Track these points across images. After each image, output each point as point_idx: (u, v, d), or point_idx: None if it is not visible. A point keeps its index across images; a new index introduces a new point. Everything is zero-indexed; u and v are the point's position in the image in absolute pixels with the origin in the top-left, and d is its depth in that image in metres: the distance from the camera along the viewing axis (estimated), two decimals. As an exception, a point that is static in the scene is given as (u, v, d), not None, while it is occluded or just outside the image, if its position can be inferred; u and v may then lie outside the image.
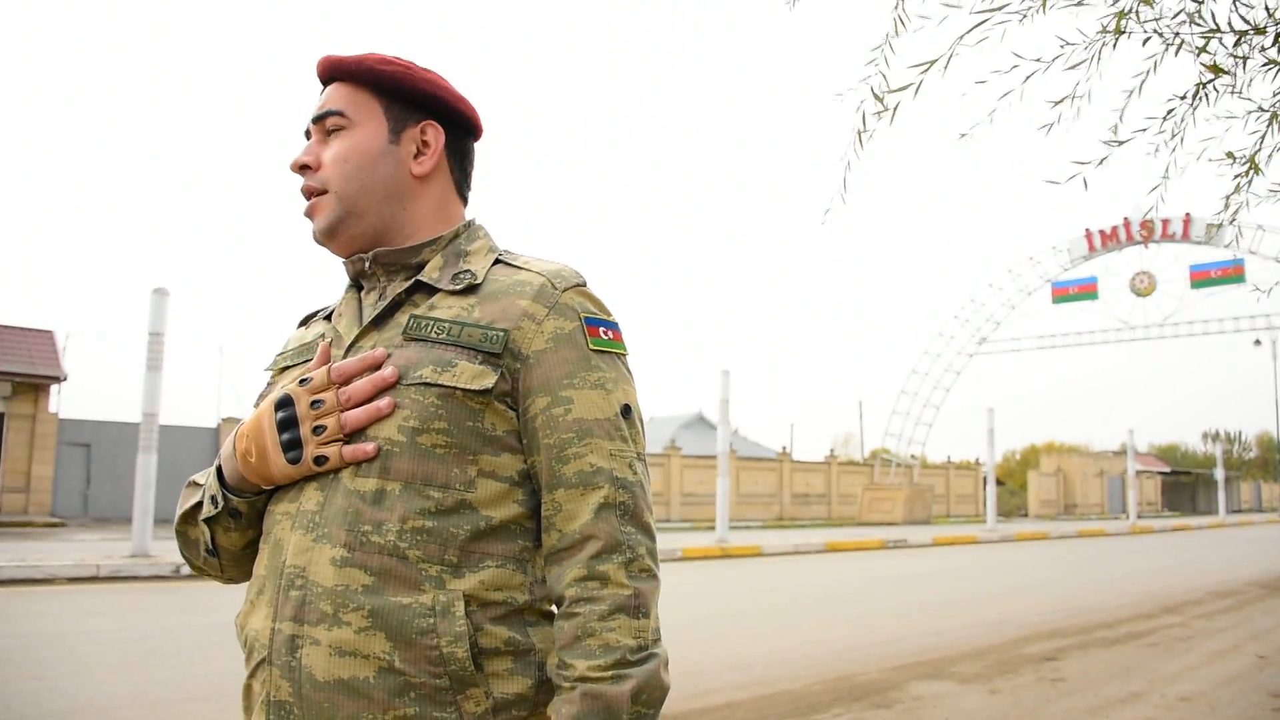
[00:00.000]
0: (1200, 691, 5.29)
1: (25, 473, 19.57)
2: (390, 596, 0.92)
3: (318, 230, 1.07)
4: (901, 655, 6.20)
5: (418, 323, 0.99)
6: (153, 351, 10.31)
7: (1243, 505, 56.32)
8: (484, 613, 0.93)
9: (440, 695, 0.91)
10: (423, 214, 1.08)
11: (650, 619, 0.93)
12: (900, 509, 30.19)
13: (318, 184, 1.06)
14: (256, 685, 0.97)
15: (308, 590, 0.93)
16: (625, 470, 0.97)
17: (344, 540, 0.94)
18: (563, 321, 0.99)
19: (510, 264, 1.05)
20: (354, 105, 1.06)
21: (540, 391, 0.97)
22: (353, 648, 0.90)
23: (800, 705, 4.77)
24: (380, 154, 1.05)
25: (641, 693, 0.89)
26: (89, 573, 9.24)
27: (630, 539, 0.94)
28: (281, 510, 1.00)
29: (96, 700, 4.42)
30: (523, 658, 0.95)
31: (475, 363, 0.96)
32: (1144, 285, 31.01)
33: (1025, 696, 5.10)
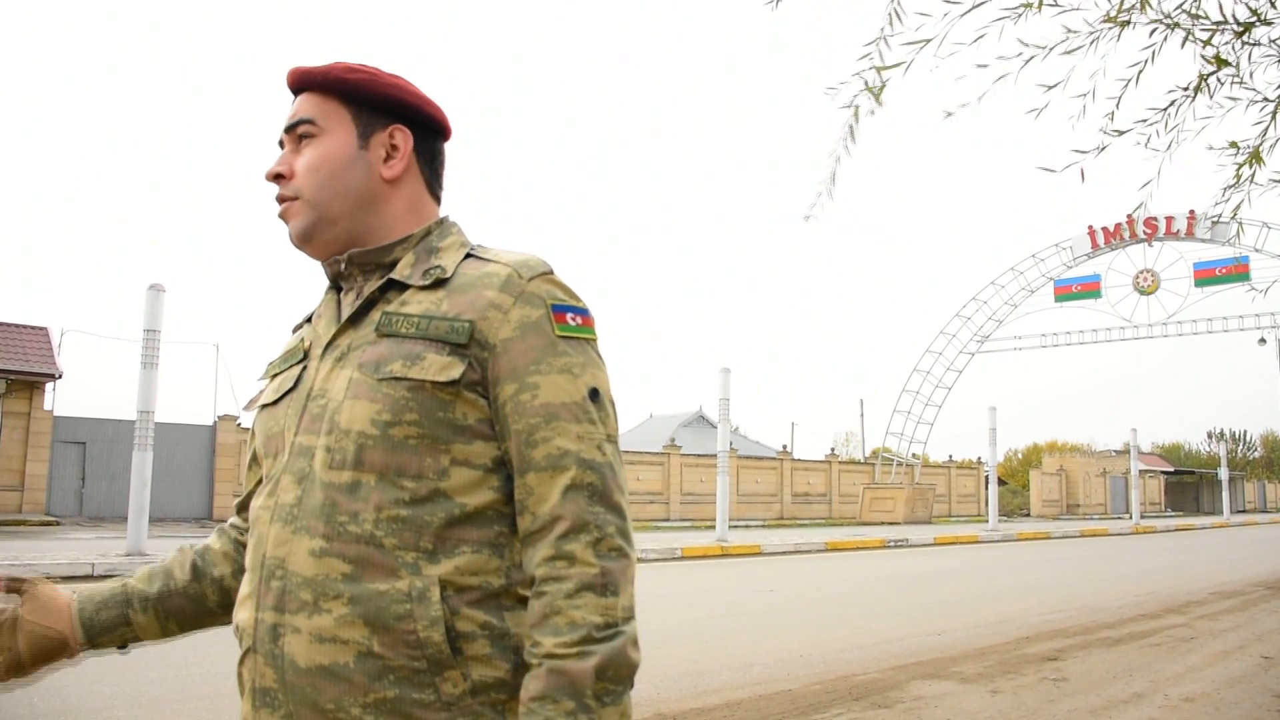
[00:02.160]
0: (1204, 692, 5.24)
1: (20, 471, 19.54)
2: (368, 584, 0.94)
3: (293, 234, 1.10)
4: (902, 655, 6.16)
5: (389, 319, 1.03)
6: (148, 348, 10.26)
7: (1247, 505, 56.23)
8: (460, 597, 0.96)
9: (418, 678, 0.93)
10: (395, 216, 1.11)
11: (620, 596, 0.94)
12: (901, 508, 30.15)
13: (290, 193, 1.09)
14: (245, 673, 1.01)
15: (287, 580, 0.97)
16: (593, 452, 0.99)
17: (322, 531, 0.97)
18: (529, 309, 1.01)
19: (480, 257, 1.07)
20: (323, 114, 1.10)
21: (508, 379, 0.99)
22: (332, 634, 0.94)
23: (800, 705, 4.72)
24: (350, 160, 1.09)
25: (607, 669, 0.91)
26: (84, 571, 9.20)
27: (598, 518, 0.96)
28: (261, 505, 1.04)
29: (91, 700, 4.38)
30: (499, 641, 0.97)
31: (443, 355, 0.99)
32: (1148, 283, 30.96)
33: (1027, 697, 5.05)
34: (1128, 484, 44.45)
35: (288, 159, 1.11)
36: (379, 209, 1.10)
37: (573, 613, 0.92)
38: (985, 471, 34.09)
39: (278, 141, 1.14)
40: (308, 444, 1.02)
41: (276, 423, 1.08)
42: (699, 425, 40.84)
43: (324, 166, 1.08)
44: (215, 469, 22.18)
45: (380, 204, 1.10)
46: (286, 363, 1.14)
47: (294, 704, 0.95)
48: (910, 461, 34.79)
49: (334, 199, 1.08)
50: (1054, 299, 32.89)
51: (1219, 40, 2.61)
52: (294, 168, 1.10)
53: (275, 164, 1.11)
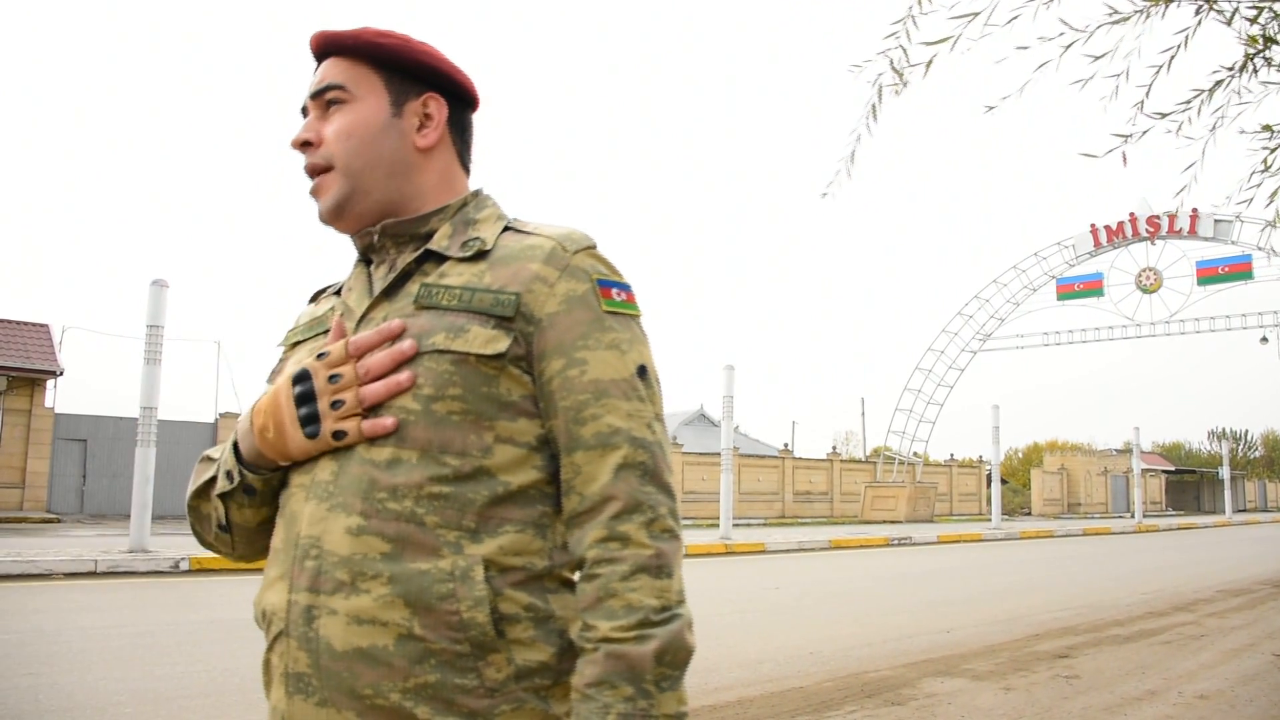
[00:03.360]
0: (1218, 690, 5.20)
1: (21, 468, 19.50)
2: (409, 563, 0.91)
3: (324, 210, 1.05)
4: (912, 652, 6.11)
5: (428, 291, 0.99)
6: (151, 344, 10.21)
7: (1248, 504, 56.20)
8: (503, 578, 0.92)
9: (461, 661, 0.90)
10: (428, 186, 1.07)
11: (673, 579, 0.92)
12: (903, 507, 30.11)
13: (321, 160, 1.04)
14: (275, 658, 0.97)
15: (323, 560, 0.93)
16: (644, 430, 0.96)
17: (360, 509, 0.93)
18: (575, 284, 0.98)
19: (520, 230, 1.04)
20: (353, 79, 1.05)
21: (555, 354, 0.96)
22: (371, 616, 0.90)
23: (813, 702, 4.68)
24: (384, 127, 1.04)
25: (665, 653, 0.88)
26: (86, 568, 9.15)
27: (650, 498, 0.93)
28: (296, 482, 1.00)
29: (95, 697, 4.33)
30: (544, 624, 0.94)
31: (488, 328, 0.95)
32: (1150, 282, 30.90)
33: (1040, 694, 5.00)
34: (1129, 483, 44.41)
35: (314, 125, 1.06)
36: (412, 179, 1.06)
37: (629, 595, 0.89)
38: (987, 470, 34.06)
39: (300, 109, 1.09)
40: None
41: None
42: (700, 424, 40.81)
43: (356, 133, 1.03)
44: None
45: (413, 174, 1.06)
46: (312, 331, 1.09)
47: (329, 689, 0.91)
48: (912, 460, 34.75)
49: (367, 168, 1.03)
50: (1056, 297, 32.84)
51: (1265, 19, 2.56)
52: (322, 134, 1.05)
53: (302, 130, 1.06)
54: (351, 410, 0.95)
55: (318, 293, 1.18)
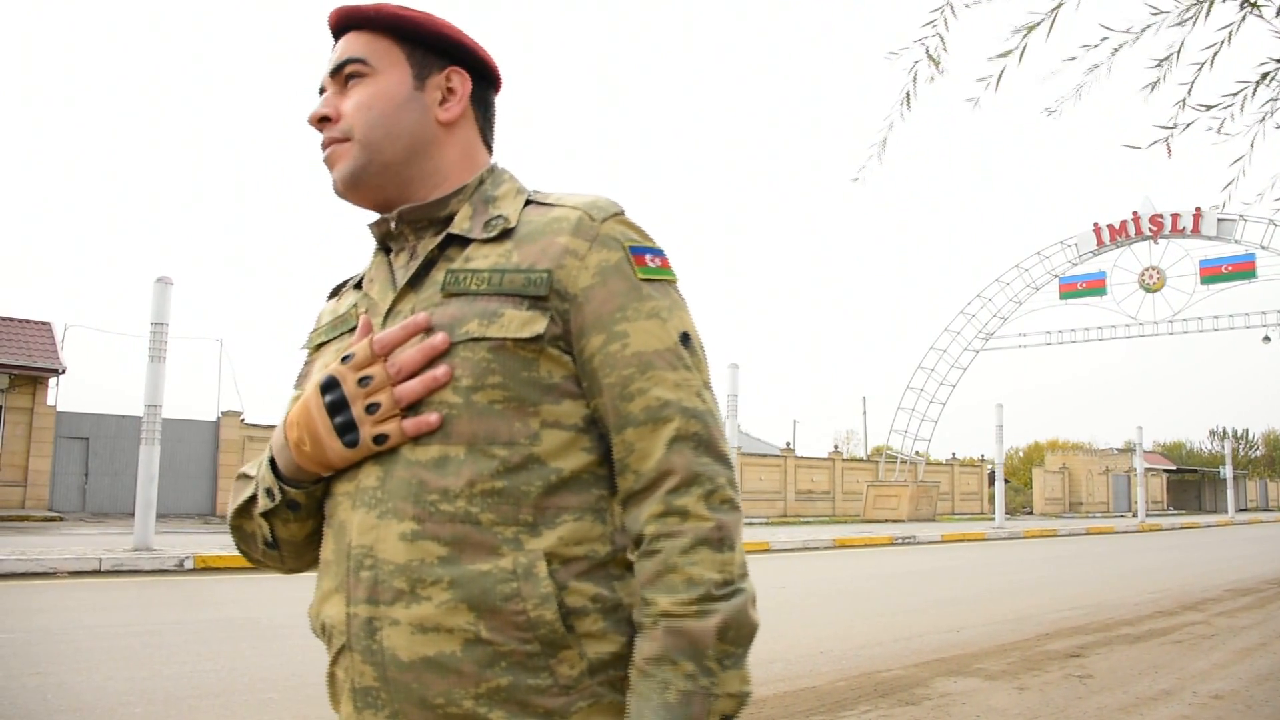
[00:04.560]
0: (1233, 690, 5.17)
1: (23, 466, 19.48)
2: (468, 565, 0.87)
3: (339, 179, 1.02)
4: (923, 652, 6.08)
5: (455, 277, 0.95)
6: (155, 342, 10.18)
7: (1249, 504, 56.19)
8: (567, 570, 0.89)
9: (532, 661, 0.87)
10: (449, 162, 1.03)
11: (735, 552, 0.88)
12: (905, 506, 30.09)
13: (339, 134, 1.01)
14: (340, 673, 0.94)
15: (379, 569, 0.89)
16: (694, 399, 0.91)
17: (412, 513, 0.89)
18: (607, 254, 0.94)
19: (542, 203, 1.00)
20: (374, 52, 1.01)
21: (594, 329, 0.92)
22: (435, 623, 0.87)
23: (827, 702, 4.65)
24: (405, 100, 1.01)
25: (728, 629, 0.84)
26: (91, 566, 9.11)
27: (708, 469, 0.89)
28: (341, 491, 0.96)
29: (104, 698, 4.29)
30: (613, 614, 0.90)
31: (522, 309, 0.92)
32: (1153, 281, 30.87)
33: (1054, 694, 4.97)
34: (1130, 482, 44.43)
35: (333, 101, 1.02)
36: (433, 154, 1.02)
37: (690, 570, 0.85)
38: (988, 469, 34.02)
39: (318, 89, 1.05)
40: None
41: None
42: (702, 423, 40.72)
43: (377, 105, 1.00)
44: (219, 465, 22.11)
45: (434, 149, 1.02)
46: (337, 330, 1.05)
47: (399, 701, 0.88)
48: (914, 459, 34.73)
49: (386, 140, 0.99)
50: (1059, 296, 32.81)
51: None
52: (340, 109, 1.01)
53: (319, 106, 1.03)
54: (389, 412, 0.91)
55: (337, 287, 1.15)
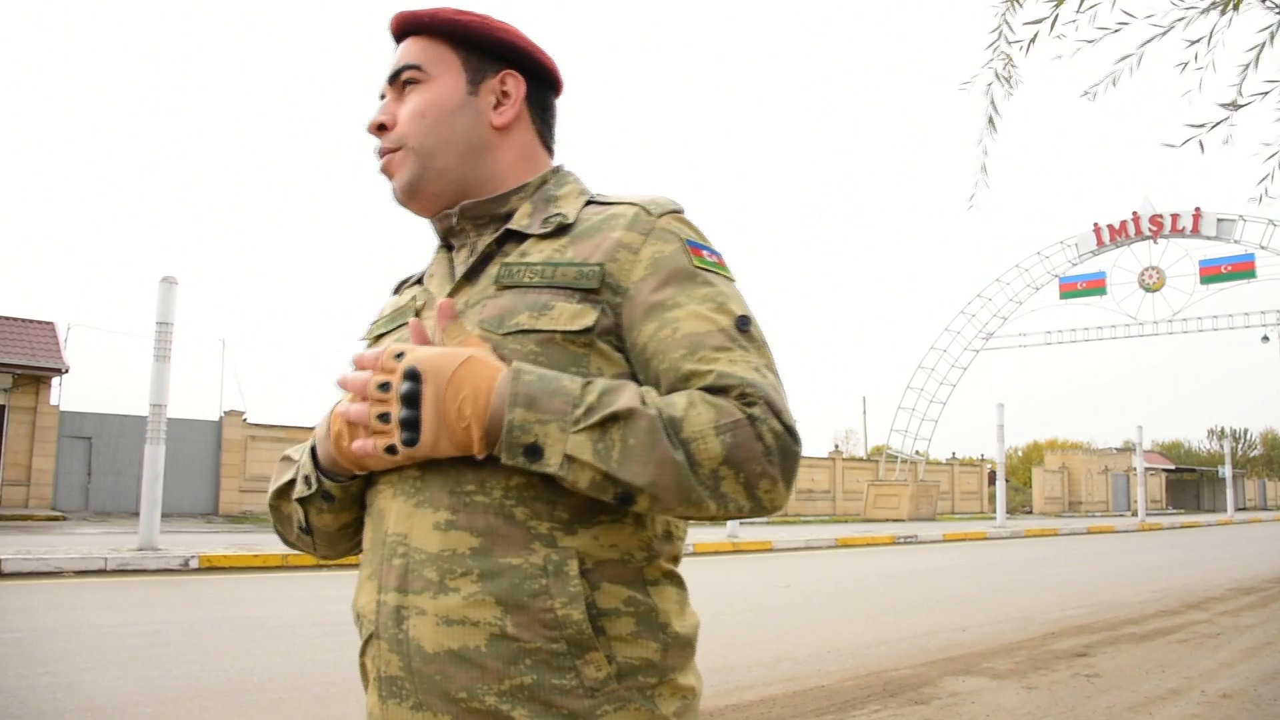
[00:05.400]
0: (1241, 689, 5.17)
1: (26, 466, 19.46)
2: (499, 558, 0.86)
3: (398, 189, 1.02)
4: (929, 651, 6.09)
5: (509, 270, 0.95)
6: (160, 341, 10.17)
7: (1248, 503, 56.24)
8: (600, 571, 0.87)
9: (558, 661, 0.85)
10: (506, 165, 1.03)
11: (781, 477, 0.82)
12: (906, 505, 30.09)
13: (392, 143, 1.01)
14: (368, 662, 0.94)
15: (410, 558, 0.89)
16: (752, 373, 0.85)
17: (447, 503, 0.88)
18: (661, 245, 0.93)
19: (602, 202, 1.00)
20: (430, 58, 1.02)
21: (646, 319, 0.89)
22: (461, 615, 0.85)
23: (836, 701, 4.65)
24: (459, 106, 1.01)
25: (737, 450, 0.81)
26: (96, 565, 9.11)
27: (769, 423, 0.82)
28: (384, 478, 0.95)
29: (114, 698, 4.29)
30: (646, 619, 0.88)
31: (572, 302, 0.90)
32: (1153, 280, 30.89)
33: (1063, 693, 4.98)
34: (1129, 481, 44.45)
35: (390, 108, 1.03)
36: (488, 158, 1.02)
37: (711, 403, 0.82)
38: (988, 469, 34.01)
39: (379, 95, 1.06)
40: None
41: None
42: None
43: (430, 112, 1.00)
44: (221, 464, 22.09)
45: (489, 153, 1.02)
46: (395, 322, 1.05)
47: (423, 693, 0.86)
48: (914, 459, 34.74)
49: (440, 147, 1.00)
50: (1059, 296, 32.83)
51: None
52: (396, 116, 1.02)
53: (377, 113, 1.03)
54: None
55: (401, 282, 1.15)
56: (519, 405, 0.81)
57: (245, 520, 19.89)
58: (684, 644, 0.92)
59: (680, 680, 0.91)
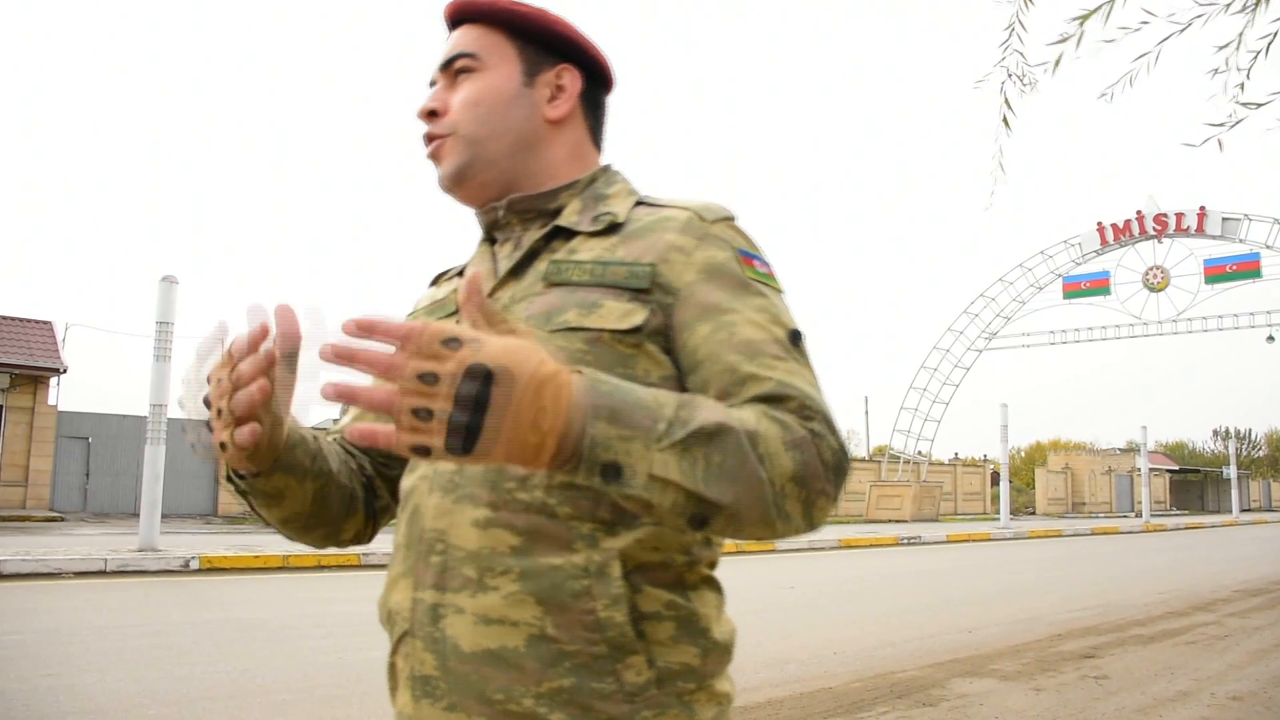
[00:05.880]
0: (1251, 691, 5.13)
1: (24, 466, 19.43)
2: (540, 557, 0.84)
3: (444, 175, 1.00)
4: (936, 652, 6.05)
5: (558, 267, 0.93)
6: (161, 341, 10.14)
7: (1252, 504, 56.10)
8: (642, 574, 0.85)
9: (598, 664, 0.82)
10: (556, 161, 1.01)
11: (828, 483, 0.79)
12: (908, 506, 30.03)
13: (443, 130, 0.99)
14: (400, 661, 0.91)
15: (449, 555, 0.86)
16: (808, 387, 0.83)
17: (487, 499, 0.86)
18: (714, 251, 0.91)
19: (653, 204, 0.97)
20: (485, 47, 1.00)
21: (699, 321, 0.87)
22: (500, 615, 0.83)
23: (844, 703, 4.61)
24: (513, 97, 0.99)
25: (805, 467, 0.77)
26: (96, 567, 9.08)
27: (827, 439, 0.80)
28: (419, 474, 0.93)
29: (117, 700, 4.26)
30: (686, 624, 0.86)
31: (622, 301, 0.88)
32: (1158, 280, 30.80)
33: (1071, 695, 4.94)
34: (1133, 482, 44.35)
35: (441, 95, 1.01)
36: (539, 152, 1.00)
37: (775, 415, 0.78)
38: (991, 469, 33.94)
39: (429, 81, 1.04)
40: None
41: None
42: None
43: (484, 101, 0.98)
44: (220, 465, 22.04)
45: (541, 147, 1.00)
46: (434, 315, 1.04)
47: (458, 693, 0.84)
48: (917, 459, 34.70)
49: (492, 137, 0.98)
50: (1062, 296, 32.74)
51: None
52: (448, 104, 1.00)
53: (428, 100, 1.01)
54: (226, 421, 0.83)
55: (439, 275, 1.14)
56: (601, 419, 0.71)
57: (245, 521, 19.85)
58: (723, 650, 0.89)
59: (717, 686, 0.89)
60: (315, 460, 0.96)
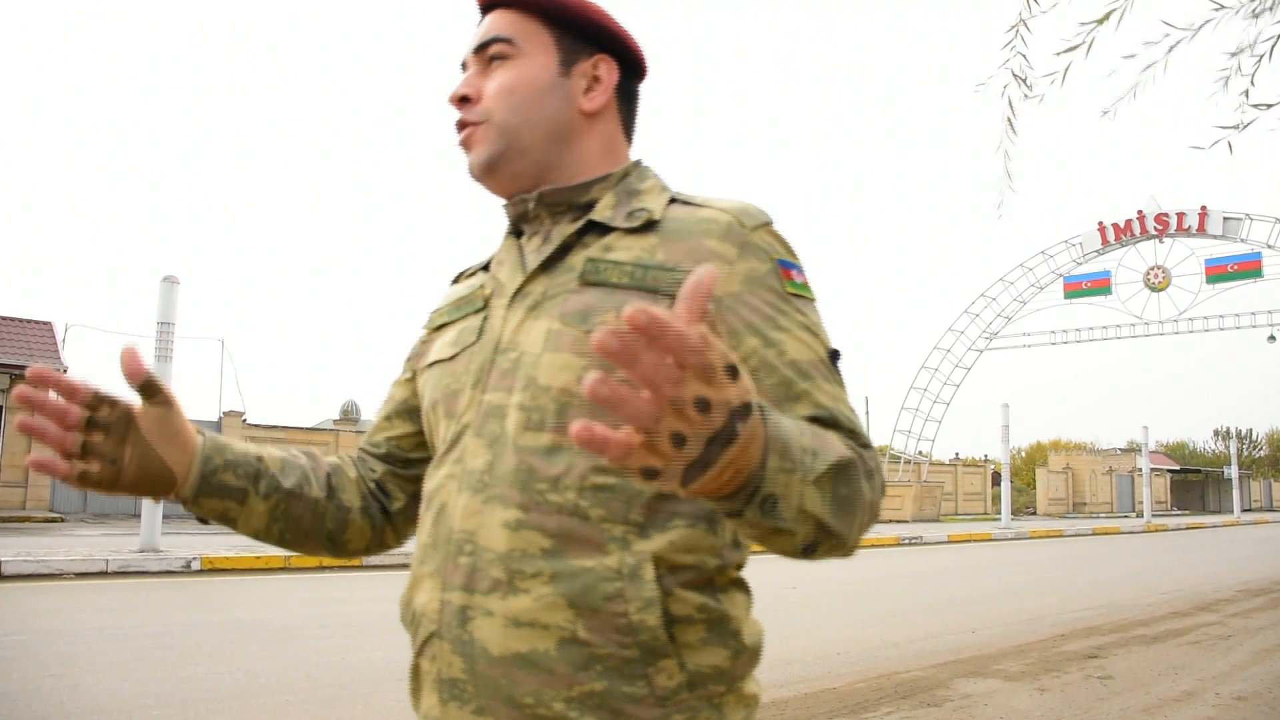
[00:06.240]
0: (1255, 691, 5.12)
1: (23, 467, 19.42)
2: (572, 560, 0.82)
3: (475, 164, 0.98)
4: (939, 653, 6.04)
5: (595, 266, 0.91)
6: (162, 342, 10.14)
7: (1253, 504, 56.07)
8: (673, 577, 0.84)
9: (629, 668, 0.81)
10: (589, 154, 0.99)
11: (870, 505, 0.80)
12: (909, 506, 30.03)
13: (476, 117, 0.97)
14: (425, 663, 0.89)
15: (478, 556, 0.85)
16: (850, 414, 0.86)
17: (519, 500, 0.85)
18: (756, 263, 0.90)
19: (688, 203, 0.95)
20: (522, 33, 0.98)
21: (746, 333, 0.87)
22: (531, 618, 0.82)
23: (848, 703, 4.60)
24: (549, 87, 0.97)
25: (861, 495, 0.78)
26: (98, 567, 9.07)
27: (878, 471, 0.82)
28: (445, 473, 0.91)
29: (120, 701, 4.25)
30: (717, 626, 0.85)
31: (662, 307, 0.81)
32: (1159, 280, 30.79)
33: (1076, 695, 4.93)
34: (1134, 482, 44.31)
35: (474, 81, 0.99)
36: (573, 144, 0.98)
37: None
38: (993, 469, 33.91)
39: (460, 64, 1.02)
40: (497, 402, 0.89)
41: (455, 379, 0.95)
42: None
43: (519, 90, 0.96)
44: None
45: (575, 139, 0.98)
46: (460, 311, 1.01)
47: (486, 697, 0.83)
48: (918, 459, 34.68)
49: (526, 126, 0.96)
50: (1063, 296, 32.74)
51: None
52: (481, 90, 0.98)
53: (460, 85, 0.99)
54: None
55: (461, 272, 1.11)
56: (775, 452, 0.67)
57: (248, 522, 19.87)
58: (752, 652, 0.89)
59: (746, 688, 0.89)
60: (257, 481, 0.97)
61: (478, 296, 1.00)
